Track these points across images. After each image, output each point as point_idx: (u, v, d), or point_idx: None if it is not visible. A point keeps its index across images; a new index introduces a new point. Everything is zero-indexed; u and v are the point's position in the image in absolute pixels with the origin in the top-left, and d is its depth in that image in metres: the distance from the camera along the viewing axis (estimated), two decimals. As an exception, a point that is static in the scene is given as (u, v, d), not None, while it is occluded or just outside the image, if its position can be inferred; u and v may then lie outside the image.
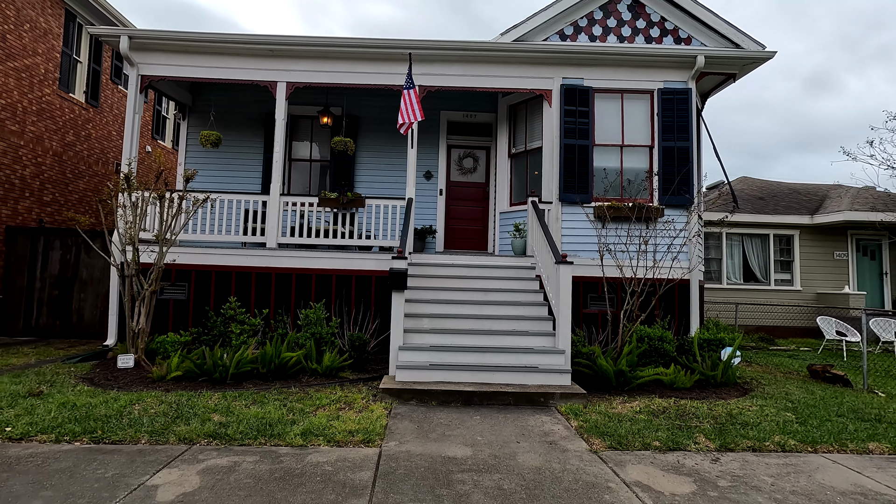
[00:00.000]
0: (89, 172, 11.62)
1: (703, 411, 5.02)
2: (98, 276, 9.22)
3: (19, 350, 7.66)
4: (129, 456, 3.58)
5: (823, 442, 4.25)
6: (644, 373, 5.95)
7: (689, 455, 3.92)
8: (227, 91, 9.28)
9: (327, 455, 3.68)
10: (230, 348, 6.14)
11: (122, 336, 7.23)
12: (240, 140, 9.51)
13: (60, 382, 5.37)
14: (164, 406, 4.59)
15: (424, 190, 9.45)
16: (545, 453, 3.84)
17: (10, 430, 3.94)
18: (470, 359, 5.73)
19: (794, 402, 5.51)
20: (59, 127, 10.66)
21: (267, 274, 7.56)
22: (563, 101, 7.90)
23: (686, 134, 7.93)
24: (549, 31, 8.39)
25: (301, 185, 9.73)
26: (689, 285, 7.72)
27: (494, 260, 7.73)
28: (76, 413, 4.32)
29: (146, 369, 5.93)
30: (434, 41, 7.79)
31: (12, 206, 9.50)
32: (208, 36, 7.80)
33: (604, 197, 7.87)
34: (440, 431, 4.28)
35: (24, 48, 9.66)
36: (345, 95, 9.17)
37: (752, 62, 8.03)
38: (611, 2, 8.46)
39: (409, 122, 7.01)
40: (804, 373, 7.53)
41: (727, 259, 13.13)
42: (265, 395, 5.08)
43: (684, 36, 8.42)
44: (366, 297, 7.59)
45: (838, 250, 13.09)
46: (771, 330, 12.18)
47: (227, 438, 3.92)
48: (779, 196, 14.84)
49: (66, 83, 10.87)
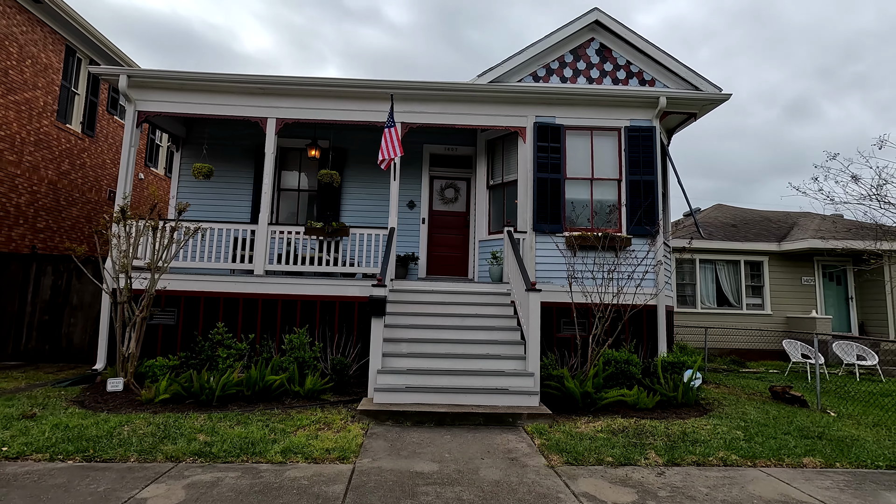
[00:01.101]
0: (82, 200, 11.95)
1: (659, 430, 5.39)
2: (88, 301, 9.46)
3: (9, 374, 7.85)
4: (119, 473, 3.86)
5: (763, 457, 4.63)
6: (609, 394, 6.32)
7: (638, 469, 4.28)
8: (220, 125, 9.76)
9: (304, 471, 3.99)
10: (217, 372, 6.43)
11: (111, 360, 7.48)
12: (231, 170, 9.95)
13: (52, 405, 5.62)
14: (152, 427, 4.87)
15: (408, 218, 9.90)
16: (506, 468, 4.18)
17: (7, 449, 4.20)
18: (444, 381, 6.07)
19: (748, 422, 5.90)
20: (56, 156, 11.03)
21: (254, 300, 7.89)
22: (536, 137, 8.46)
23: (651, 168, 8.50)
24: (523, 72, 9.02)
25: (289, 213, 10.14)
26: (657, 310, 8.16)
27: (472, 286, 8.14)
28: (69, 433, 4.59)
29: (135, 392, 6.19)
30: (416, 82, 8.35)
31: (6, 233, 9.78)
32: (202, 75, 8.30)
33: (575, 227, 8.37)
34: (411, 449, 4.60)
35: (25, 82, 10.10)
36: (332, 129, 9.69)
37: (710, 103, 8.69)
38: (580, 46, 9.13)
39: (389, 157, 7.49)
40: (767, 394, 7.94)
41: (701, 284, 13.67)
42: (249, 416, 5.37)
43: (648, 78, 9.09)
44: (349, 322, 7.93)
45: (805, 276, 13.70)
46: (744, 353, 12.64)
47: (212, 456, 4.21)
48: (750, 223, 15.53)
49: (63, 115, 11.29)
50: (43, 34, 10.50)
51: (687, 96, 8.60)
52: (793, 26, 71.74)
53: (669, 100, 8.43)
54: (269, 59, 77.95)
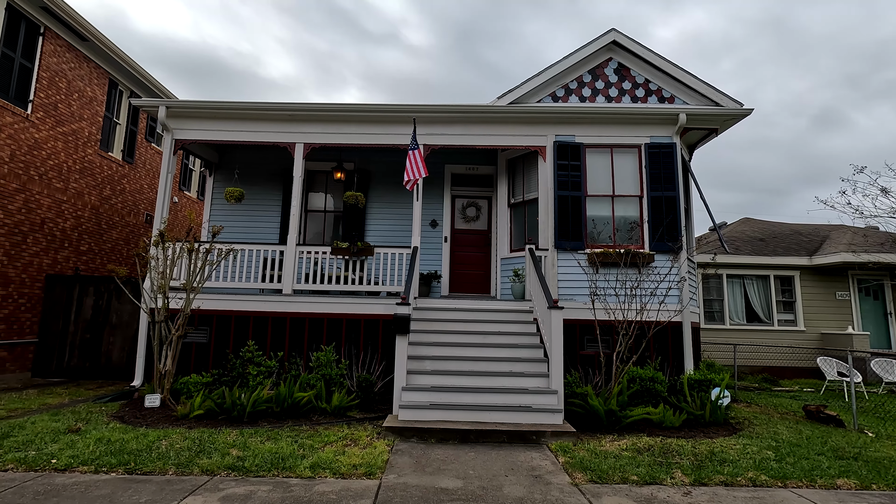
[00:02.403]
0: (122, 223, 12.56)
1: (686, 449, 5.33)
2: (126, 321, 9.91)
3: (53, 390, 8.26)
4: (158, 485, 4.05)
5: (794, 478, 4.54)
6: (634, 412, 6.27)
7: (664, 488, 4.25)
8: (250, 150, 10.21)
9: (332, 485, 4.11)
10: (247, 389, 6.64)
11: (148, 377, 7.80)
12: (260, 193, 10.35)
13: (95, 420, 5.91)
14: (188, 441, 5.08)
15: (430, 237, 10.09)
16: (529, 486, 4.21)
17: (56, 461, 4.46)
18: (468, 399, 6.14)
19: (779, 441, 5.76)
20: (98, 183, 11.68)
21: (282, 318, 8.14)
22: (556, 156, 8.58)
23: (673, 184, 8.50)
24: (542, 93, 9.19)
25: (315, 234, 10.46)
26: (682, 327, 8.07)
27: (495, 304, 8.22)
28: (111, 447, 4.84)
29: (171, 408, 6.45)
30: (437, 105, 8.61)
31: (53, 256, 10.36)
32: (234, 104, 8.74)
33: (597, 244, 8.40)
34: (436, 466, 4.67)
35: (72, 115, 10.79)
36: (357, 152, 10.02)
37: (731, 118, 8.67)
38: (598, 66, 9.27)
39: (414, 178, 7.72)
40: (801, 413, 7.71)
41: (729, 300, 13.38)
42: (278, 432, 5.54)
43: (668, 95, 9.14)
44: (373, 339, 8.09)
45: (840, 290, 13.27)
46: (776, 371, 12.27)
47: (245, 470, 4.38)
48: (779, 237, 15.18)
49: (105, 143, 11.98)
50: (88, 69, 11.22)
51: (707, 112, 8.61)
52: (816, 36, 70.32)
53: (689, 116, 8.46)
54: (292, 83, 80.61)
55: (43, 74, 9.99)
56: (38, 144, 9.92)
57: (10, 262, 9.38)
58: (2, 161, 9.13)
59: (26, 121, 9.64)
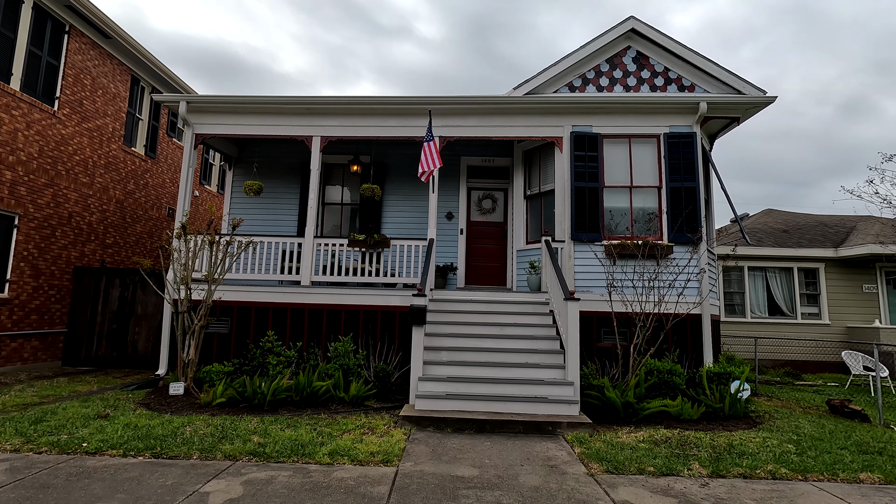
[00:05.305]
0: (145, 217, 12.86)
1: (704, 441, 5.29)
2: (151, 311, 10.18)
3: (82, 378, 8.55)
4: (183, 469, 4.19)
5: (815, 471, 4.47)
6: (651, 404, 6.23)
7: (680, 480, 4.23)
8: (268, 144, 10.34)
9: (351, 472, 4.20)
10: (267, 378, 6.79)
11: (172, 366, 8.03)
12: (278, 186, 10.49)
13: (122, 407, 6.12)
14: (211, 428, 5.23)
15: (446, 229, 10.11)
16: (545, 475, 4.23)
17: (86, 445, 4.64)
18: (484, 389, 6.17)
19: (800, 435, 5.67)
20: (122, 177, 11.96)
21: (301, 309, 8.27)
22: (573, 147, 8.50)
23: (692, 174, 8.35)
24: (558, 83, 9.08)
25: (332, 226, 10.57)
26: (701, 319, 7.96)
27: (511, 296, 8.22)
28: (138, 432, 5.01)
29: (195, 396, 6.63)
30: (453, 97, 8.59)
31: (80, 249, 10.67)
32: (253, 98, 8.85)
33: (614, 235, 8.31)
34: (452, 455, 4.73)
35: (97, 111, 11.05)
36: (373, 145, 10.07)
37: (754, 106, 8.46)
38: (616, 55, 9.12)
39: (429, 170, 7.74)
40: (824, 408, 7.57)
41: (750, 293, 13.13)
42: (298, 420, 5.66)
43: (688, 84, 8.96)
44: (390, 330, 8.17)
45: (867, 283, 12.91)
46: (799, 365, 12.02)
47: (265, 456, 4.49)
48: (804, 229, 14.81)
49: (129, 139, 12.25)
50: (112, 66, 11.46)
51: (728, 101, 8.42)
52: (842, 21, 67.71)
53: (710, 105, 8.29)
54: (306, 78, 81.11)
55: (68, 72, 10.24)
56: (64, 140, 10.20)
57: (41, 254, 9.70)
58: (31, 157, 9.42)
59: (53, 117, 9.91)
